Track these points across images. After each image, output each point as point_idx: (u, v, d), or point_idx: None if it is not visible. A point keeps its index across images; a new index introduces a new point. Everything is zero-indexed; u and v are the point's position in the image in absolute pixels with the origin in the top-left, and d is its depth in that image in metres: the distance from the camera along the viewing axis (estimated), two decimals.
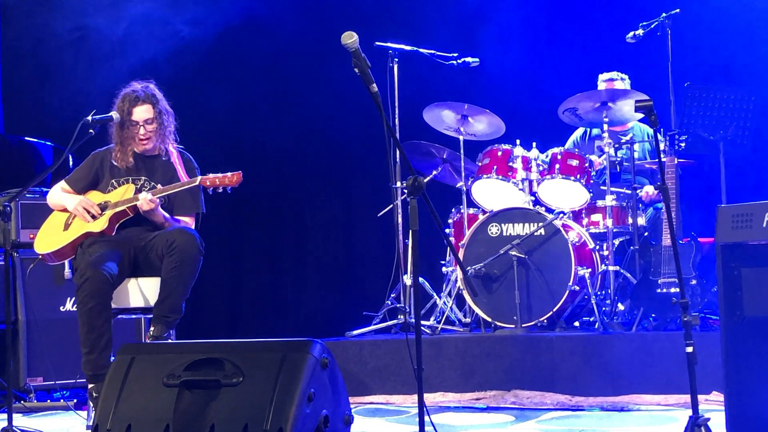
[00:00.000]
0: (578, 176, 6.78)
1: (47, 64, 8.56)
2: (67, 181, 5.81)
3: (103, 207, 5.61)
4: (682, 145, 6.42)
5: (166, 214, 5.64)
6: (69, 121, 5.71)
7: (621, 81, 7.39)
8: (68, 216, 5.68)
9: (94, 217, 5.57)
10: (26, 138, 7.71)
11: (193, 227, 5.72)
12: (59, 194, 5.77)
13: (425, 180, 6.81)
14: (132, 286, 5.55)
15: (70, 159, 7.16)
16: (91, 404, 5.34)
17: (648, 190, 7.08)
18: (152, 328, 5.40)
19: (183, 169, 5.71)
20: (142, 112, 5.68)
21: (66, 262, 5.97)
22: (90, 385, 5.33)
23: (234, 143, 8.72)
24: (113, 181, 5.72)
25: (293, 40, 8.67)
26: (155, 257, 5.47)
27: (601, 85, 7.39)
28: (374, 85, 4.00)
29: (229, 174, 5.56)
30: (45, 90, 8.58)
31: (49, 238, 5.67)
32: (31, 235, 6.60)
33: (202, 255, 5.48)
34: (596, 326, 6.50)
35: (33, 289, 6.56)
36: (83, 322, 5.31)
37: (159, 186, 5.65)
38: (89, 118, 5.42)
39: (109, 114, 5.62)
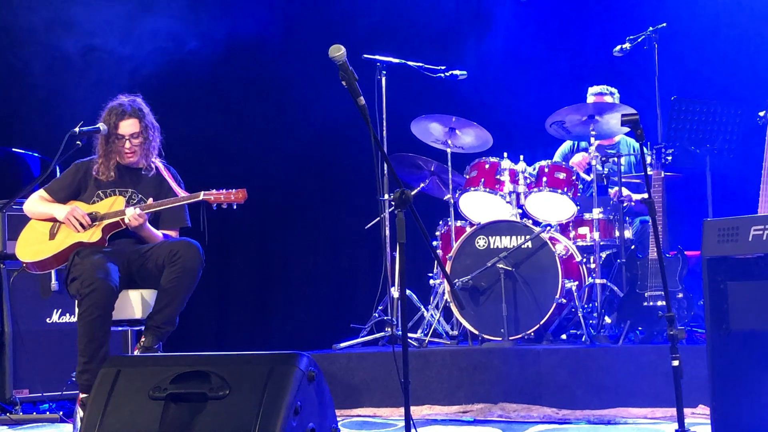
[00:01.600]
0: (565, 189, 6.80)
1: (33, 75, 8.53)
2: (47, 190, 5.73)
3: (93, 218, 5.59)
4: (669, 158, 6.45)
5: (151, 230, 5.62)
6: (56, 132, 5.70)
7: (610, 96, 7.42)
8: (53, 225, 5.63)
9: (84, 228, 5.55)
10: (13, 149, 7.69)
11: (189, 238, 5.71)
12: (41, 203, 5.69)
13: (412, 192, 6.84)
14: (124, 297, 5.52)
15: (57, 170, 7.14)
16: (80, 413, 5.31)
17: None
18: (143, 339, 5.39)
19: (174, 183, 5.71)
20: (128, 126, 5.67)
21: (53, 273, 5.94)
22: (82, 395, 5.30)
23: (221, 156, 8.71)
24: (99, 192, 5.69)
25: (280, 54, 8.70)
26: (154, 267, 5.45)
27: (590, 99, 7.42)
28: (362, 98, 4.01)
29: (233, 190, 5.56)
30: (31, 101, 8.56)
31: (34, 247, 5.61)
32: None
33: (202, 268, 5.48)
34: (583, 339, 6.51)
35: (19, 300, 6.53)
36: (85, 332, 5.27)
37: (150, 200, 5.63)
38: (76, 129, 5.41)
39: (97, 125, 5.61)
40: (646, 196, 4.30)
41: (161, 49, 8.25)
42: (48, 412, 6.48)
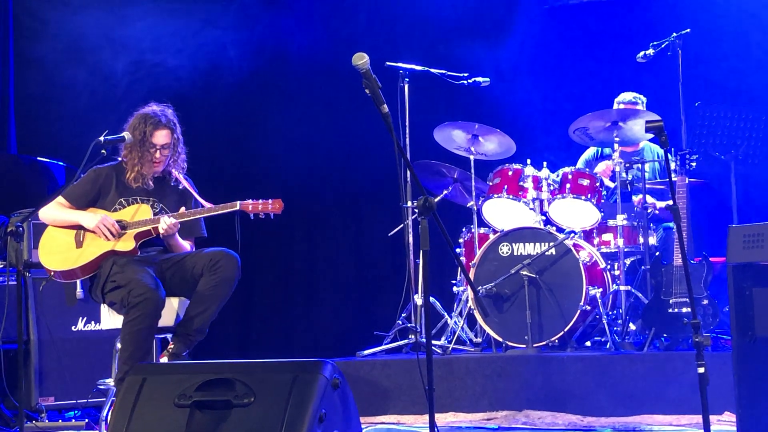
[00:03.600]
0: (589, 196, 6.78)
1: (60, 84, 8.59)
2: (66, 197, 5.67)
3: (123, 226, 5.60)
4: (693, 164, 6.42)
5: (178, 239, 5.66)
6: (81, 141, 5.73)
7: (641, 104, 7.37)
8: (77, 233, 5.62)
9: (114, 236, 5.55)
10: (39, 158, 7.74)
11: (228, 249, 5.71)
12: (62, 210, 5.65)
13: (436, 200, 6.84)
14: None
15: None
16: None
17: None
18: (171, 345, 5.42)
19: (197, 195, 5.74)
20: (162, 137, 5.69)
21: (78, 282, 5.96)
22: None
23: (244, 163, 8.74)
24: (122, 200, 5.70)
25: (303, 61, 8.72)
26: (190, 276, 5.48)
27: (619, 107, 7.36)
28: (385, 105, 4.01)
29: (270, 201, 5.59)
30: (58, 110, 8.62)
31: (62, 255, 5.59)
32: None
33: (238, 280, 5.51)
34: (608, 346, 6.49)
35: (45, 309, 6.57)
36: (132, 340, 5.29)
37: (182, 209, 5.64)
38: (101, 138, 5.43)
39: (121, 134, 5.63)
40: (670, 203, 4.28)
41: (187, 59, 8.30)
42: (74, 420, 6.51)
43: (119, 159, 5.77)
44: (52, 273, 5.61)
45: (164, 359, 5.50)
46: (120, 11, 8.45)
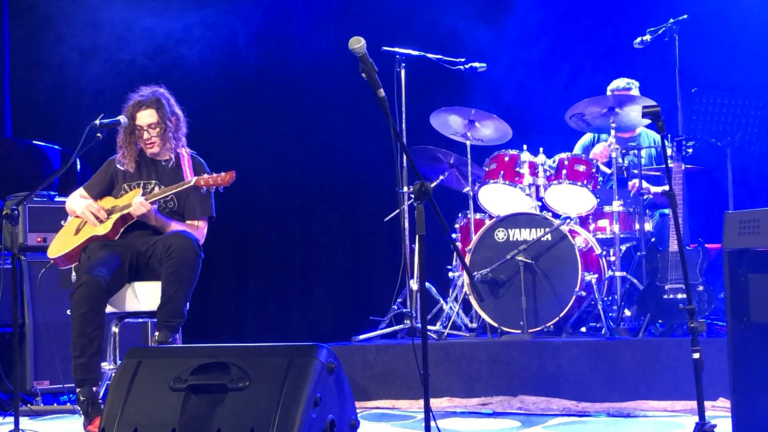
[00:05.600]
0: (585, 182, 6.78)
1: (56, 69, 8.58)
2: (85, 187, 5.88)
3: (110, 211, 5.63)
4: (689, 151, 6.43)
5: (163, 219, 5.64)
6: (77, 125, 5.73)
7: (635, 89, 7.36)
8: (80, 221, 5.73)
9: (100, 221, 5.60)
10: (34, 142, 7.73)
11: (204, 230, 5.74)
12: (73, 200, 5.83)
13: (432, 185, 6.84)
14: (136, 290, 5.56)
15: (78, 163, 7.18)
16: (80, 409, 5.33)
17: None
18: (157, 334, 5.42)
19: (191, 173, 5.72)
20: (145, 117, 5.72)
21: (73, 267, 5.99)
22: (78, 389, 5.32)
23: (240, 147, 8.72)
24: (125, 185, 5.75)
25: (300, 46, 8.70)
26: (155, 262, 5.50)
27: (611, 94, 7.36)
28: (381, 89, 4.00)
29: (222, 174, 5.57)
30: (53, 94, 8.61)
31: (60, 243, 5.74)
32: (39, 239, 6.63)
33: (200, 258, 5.49)
34: (603, 332, 6.50)
35: (40, 292, 6.58)
36: (75, 326, 5.32)
37: (156, 189, 5.68)
38: (97, 122, 5.44)
39: (117, 118, 5.64)
40: (666, 188, 4.28)
41: (187, 46, 8.30)
42: (68, 404, 6.51)
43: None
44: (53, 260, 5.75)
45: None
46: None
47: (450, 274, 7.20)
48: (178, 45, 8.36)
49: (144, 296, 5.56)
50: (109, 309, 5.50)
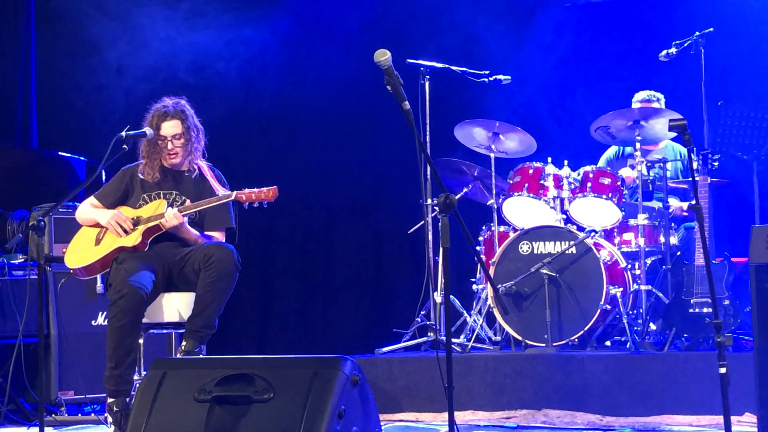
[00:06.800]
0: (610, 195, 6.75)
1: (82, 79, 8.64)
2: (97, 196, 5.83)
3: (136, 222, 5.63)
4: (716, 164, 6.39)
5: (194, 231, 5.65)
6: (103, 136, 5.76)
7: (657, 102, 7.34)
8: (99, 231, 5.70)
9: (126, 232, 5.59)
10: (60, 153, 7.77)
11: (223, 241, 5.74)
12: (89, 209, 5.79)
13: (456, 197, 6.81)
14: (165, 301, 5.56)
15: (104, 174, 7.21)
16: (110, 418, 5.35)
17: (675, 205, 7.05)
18: (184, 343, 5.42)
19: (217, 184, 5.74)
20: (170, 128, 5.72)
21: (98, 277, 6.00)
22: (110, 400, 5.34)
23: (264, 159, 8.75)
24: (144, 195, 5.74)
25: (324, 58, 8.72)
26: (191, 272, 5.49)
27: (636, 106, 7.34)
28: (406, 102, 4.01)
29: (264, 189, 5.55)
30: (78, 105, 8.66)
31: (80, 253, 5.69)
32: (64, 250, 6.65)
33: (238, 271, 5.49)
34: (628, 346, 6.46)
35: (65, 303, 6.60)
36: (113, 338, 5.31)
37: (188, 201, 5.67)
38: (123, 133, 5.45)
39: (143, 130, 5.65)
40: (693, 202, 4.26)
41: (213, 58, 8.35)
42: (93, 414, 6.53)
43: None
44: (72, 271, 5.71)
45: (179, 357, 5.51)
46: (141, 6, 8.48)
47: (474, 286, 7.18)
48: (205, 59, 8.38)
49: (173, 307, 5.56)
50: None
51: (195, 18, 8.46)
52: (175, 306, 5.55)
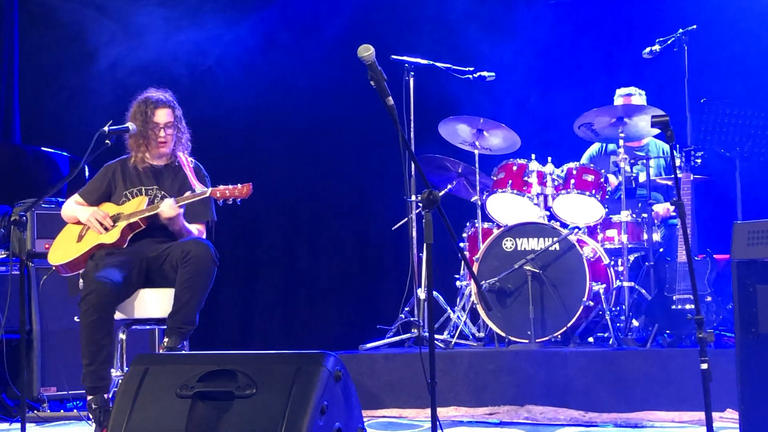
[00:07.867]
0: (593, 191, 6.77)
1: (64, 76, 8.60)
2: (81, 193, 5.84)
3: (116, 219, 5.62)
4: (698, 161, 6.41)
5: (186, 224, 5.66)
6: (85, 131, 5.73)
7: (639, 96, 7.38)
8: (82, 228, 5.71)
9: (106, 229, 5.59)
10: (42, 148, 7.74)
11: (204, 235, 5.74)
12: (72, 207, 5.79)
13: (440, 194, 6.81)
14: (146, 297, 5.55)
15: (86, 169, 7.19)
16: (90, 416, 5.33)
17: (659, 209, 7.06)
18: (166, 340, 5.41)
19: (195, 177, 5.72)
20: (164, 115, 5.74)
21: (80, 274, 5.98)
22: (89, 397, 5.32)
23: (248, 155, 8.73)
24: (126, 192, 5.74)
25: (309, 56, 8.70)
26: (169, 268, 5.48)
27: (618, 100, 7.38)
28: (390, 98, 4.00)
29: (239, 186, 5.55)
30: (61, 100, 8.62)
31: (62, 250, 5.69)
32: (47, 245, 6.62)
33: (216, 266, 5.48)
34: (610, 342, 6.48)
35: (47, 299, 6.58)
36: (85, 334, 5.30)
37: (188, 193, 5.65)
38: (105, 128, 5.43)
39: (126, 125, 5.64)
40: (675, 199, 4.27)
41: (189, 51, 8.32)
42: (75, 410, 6.51)
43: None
44: (55, 267, 5.71)
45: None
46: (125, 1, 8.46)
47: (457, 283, 7.19)
48: (188, 56, 8.36)
49: (153, 303, 5.55)
50: (117, 316, 5.49)
51: (180, 14, 8.43)
52: (157, 302, 5.54)
